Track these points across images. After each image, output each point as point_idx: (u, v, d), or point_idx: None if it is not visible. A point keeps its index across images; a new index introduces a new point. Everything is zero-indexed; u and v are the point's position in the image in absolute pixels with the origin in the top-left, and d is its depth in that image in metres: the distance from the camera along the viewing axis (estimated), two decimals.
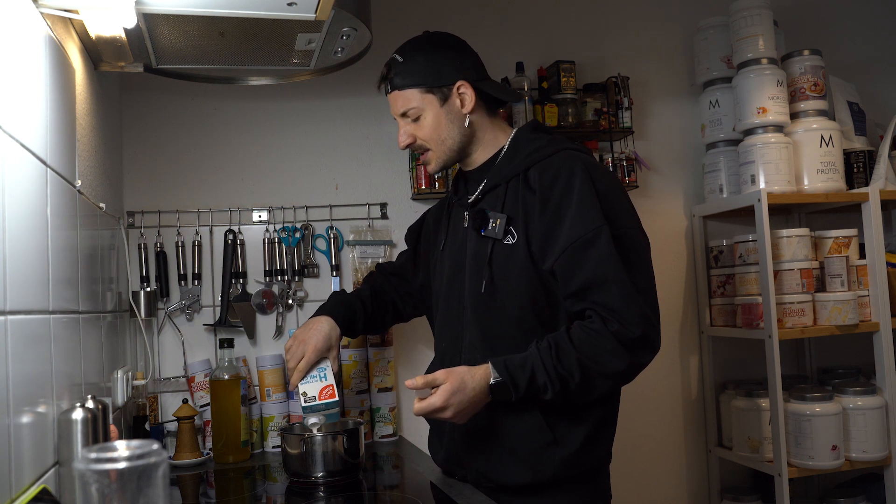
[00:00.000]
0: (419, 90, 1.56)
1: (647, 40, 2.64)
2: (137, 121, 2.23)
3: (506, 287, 1.50)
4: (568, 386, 1.39)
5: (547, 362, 1.38)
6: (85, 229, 1.49)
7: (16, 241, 1.00)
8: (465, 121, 1.58)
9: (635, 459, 2.51)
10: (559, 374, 1.38)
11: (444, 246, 1.70)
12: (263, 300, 2.23)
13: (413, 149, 1.63)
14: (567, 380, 1.39)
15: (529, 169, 1.52)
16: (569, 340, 1.40)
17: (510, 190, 1.53)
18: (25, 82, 1.09)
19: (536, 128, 1.63)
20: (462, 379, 1.39)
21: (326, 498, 1.60)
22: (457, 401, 1.38)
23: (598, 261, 1.40)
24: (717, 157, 2.53)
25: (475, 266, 1.54)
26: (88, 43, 1.59)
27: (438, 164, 1.60)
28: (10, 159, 0.99)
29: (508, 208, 1.52)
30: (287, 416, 2.13)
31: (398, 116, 1.59)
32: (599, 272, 1.40)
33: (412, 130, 1.58)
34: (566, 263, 1.43)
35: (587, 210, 1.43)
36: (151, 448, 0.76)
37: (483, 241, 1.53)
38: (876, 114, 2.73)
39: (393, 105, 1.60)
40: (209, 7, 1.33)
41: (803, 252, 2.32)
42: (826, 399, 2.25)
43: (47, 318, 1.15)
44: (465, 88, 1.57)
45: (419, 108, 1.56)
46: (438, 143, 1.57)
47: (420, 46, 1.60)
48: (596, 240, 1.41)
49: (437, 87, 1.56)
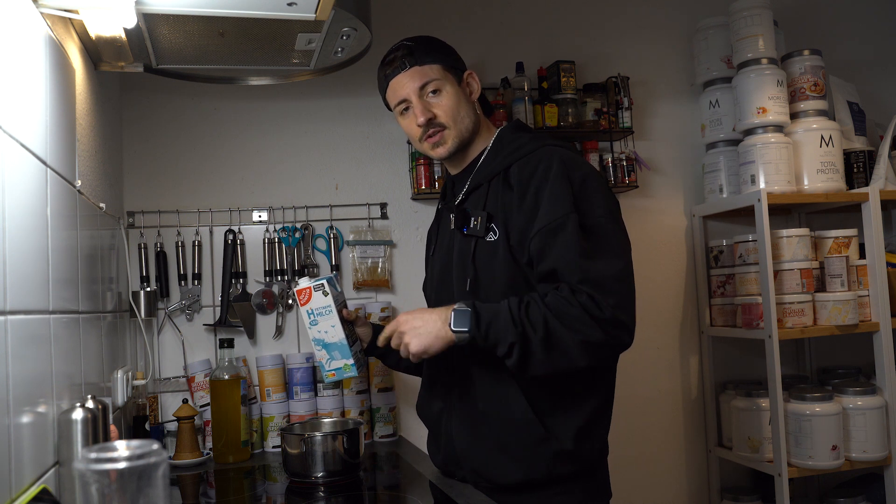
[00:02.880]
0: (440, 66, 1.56)
1: (647, 40, 2.64)
2: (137, 121, 2.23)
3: (489, 283, 1.51)
4: (528, 337, 1.36)
5: (514, 309, 1.38)
6: (85, 229, 1.49)
7: (16, 241, 1.00)
8: (474, 107, 1.61)
9: (635, 459, 2.51)
10: (523, 322, 1.37)
11: (434, 251, 1.72)
12: (263, 300, 2.23)
13: (430, 127, 1.56)
14: (528, 332, 1.36)
15: (510, 166, 1.53)
16: (539, 299, 1.40)
17: (492, 189, 1.55)
18: (25, 82, 1.09)
19: (518, 127, 1.64)
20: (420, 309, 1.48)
21: (326, 498, 1.60)
22: (411, 317, 1.46)
23: (563, 248, 1.40)
24: (717, 157, 2.53)
25: (460, 265, 1.56)
26: (88, 43, 1.59)
27: (453, 145, 1.57)
28: (10, 159, 0.99)
29: (490, 206, 1.53)
30: (287, 416, 2.13)
31: (414, 95, 1.55)
32: (564, 259, 1.40)
33: (430, 106, 1.56)
34: (535, 249, 1.44)
35: (557, 199, 1.43)
36: (151, 448, 0.76)
37: (466, 239, 1.55)
38: (876, 114, 2.73)
39: (409, 83, 1.55)
40: (209, 7, 1.33)
41: (803, 252, 2.32)
42: (826, 399, 2.25)
43: (47, 318, 1.15)
44: (472, 78, 1.62)
45: (441, 82, 1.55)
46: (457, 120, 1.56)
47: (427, 37, 1.61)
48: (563, 227, 1.41)
49: (455, 69, 1.59)
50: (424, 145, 1.59)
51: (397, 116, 1.62)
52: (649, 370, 2.56)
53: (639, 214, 2.58)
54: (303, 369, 2.16)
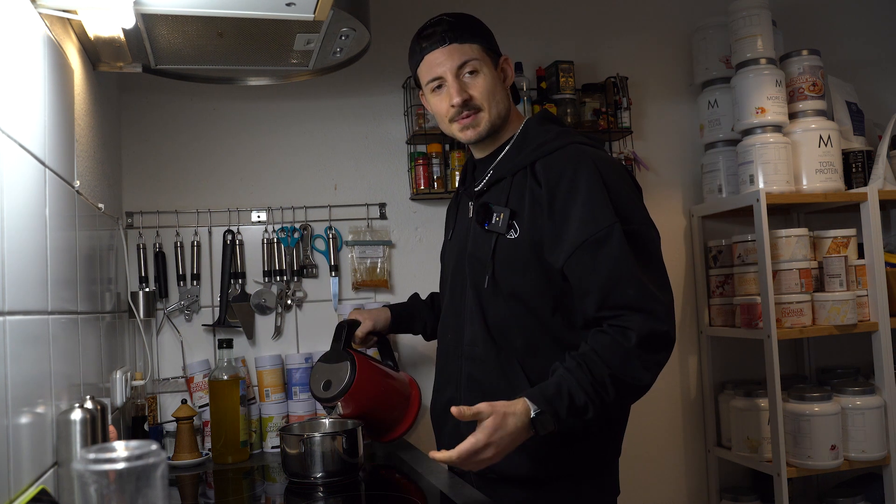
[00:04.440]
0: (480, 47, 1.53)
1: (645, 40, 2.64)
2: (136, 121, 2.23)
3: (508, 282, 1.49)
4: (605, 402, 1.33)
5: (581, 380, 1.32)
6: (84, 230, 1.49)
7: (14, 241, 1.00)
8: (507, 93, 1.57)
9: (635, 459, 2.51)
10: (596, 390, 1.32)
11: (451, 236, 1.70)
12: (262, 300, 2.23)
13: (464, 108, 1.52)
14: (603, 396, 1.33)
15: (536, 162, 1.49)
16: (596, 356, 1.35)
17: (515, 183, 1.51)
18: (24, 83, 1.09)
19: (546, 118, 1.61)
20: (503, 414, 1.30)
21: (325, 498, 1.60)
22: (498, 437, 1.29)
23: (612, 261, 1.36)
24: (715, 157, 2.53)
25: (477, 260, 1.54)
26: (87, 43, 1.59)
27: (486, 128, 1.53)
28: (8, 160, 0.99)
29: (513, 202, 1.50)
30: (286, 417, 2.13)
31: (450, 74, 1.51)
32: (615, 273, 1.36)
33: (467, 87, 1.51)
34: (578, 264, 1.39)
35: (597, 207, 1.39)
36: (150, 448, 0.76)
37: (486, 235, 1.52)
38: (874, 114, 2.73)
39: (447, 60, 1.51)
40: (208, 7, 1.33)
41: (802, 252, 2.32)
42: (825, 399, 2.26)
43: (46, 318, 1.15)
44: (507, 63, 1.59)
45: (480, 63, 1.52)
46: (493, 103, 1.52)
47: (468, 15, 1.58)
48: (608, 238, 1.37)
49: (493, 51, 1.56)
50: (454, 126, 1.54)
51: (427, 93, 1.57)
52: None
53: None
54: (302, 369, 2.16)
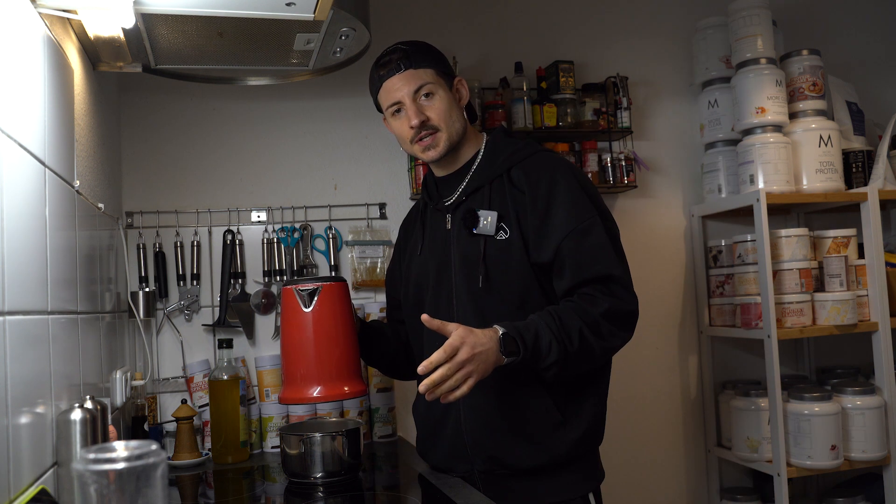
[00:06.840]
0: (434, 71, 1.61)
1: (645, 40, 2.64)
2: (136, 121, 2.23)
3: (502, 281, 1.54)
4: (567, 351, 1.42)
5: (550, 324, 1.42)
6: (83, 230, 1.49)
7: (14, 241, 1.00)
8: (463, 113, 1.66)
9: (635, 459, 2.51)
10: (560, 338, 1.41)
11: (421, 250, 1.71)
12: (262, 300, 2.23)
13: (422, 129, 1.60)
14: (566, 345, 1.42)
15: (511, 169, 1.59)
16: (569, 310, 1.45)
17: (494, 190, 1.59)
18: (24, 83, 1.09)
19: (508, 133, 1.72)
20: (471, 330, 1.37)
21: (325, 498, 1.59)
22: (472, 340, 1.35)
23: (597, 247, 1.49)
24: (715, 157, 2.53)
25: (467, 265, 1.58)
26: (87, 43, 1.59)
27: (445, 147, 1.61)
28: (8, 160, 0.99)
29: (496, 206, 1.58)
30: (286, 417, 2.13)
31: (407, 98, 1.59)
32: (598, 256, 1.49)
33: (424, 109, 1.59)
34: (564, 252, 1.49)
35: (578, 203, 1.52)
36: (150, 448, 0.76)
37: (474, 239, 1.57)
38: (875, 113, 2.73)
39: (404, 85, 1.59)
40: (208, 7, 1.33)
41: (802, 252, 2.32)
42: (825, 399, 2.26)
43: (46, 318, 1.15)
44: (462, 84, 1.67)
45: (435, 86, 1.60)
46: (449, 124, 1.60)
47: (421, 42, 1.65)
48: (592, 228, 1.50)
49: (447, 74, 1.64)
50: (416, 147, 1.62)
51: (388, 118, 1.65)
52: (648, 370, 2.56)
53: (638, 214, 2.58)
54: None
